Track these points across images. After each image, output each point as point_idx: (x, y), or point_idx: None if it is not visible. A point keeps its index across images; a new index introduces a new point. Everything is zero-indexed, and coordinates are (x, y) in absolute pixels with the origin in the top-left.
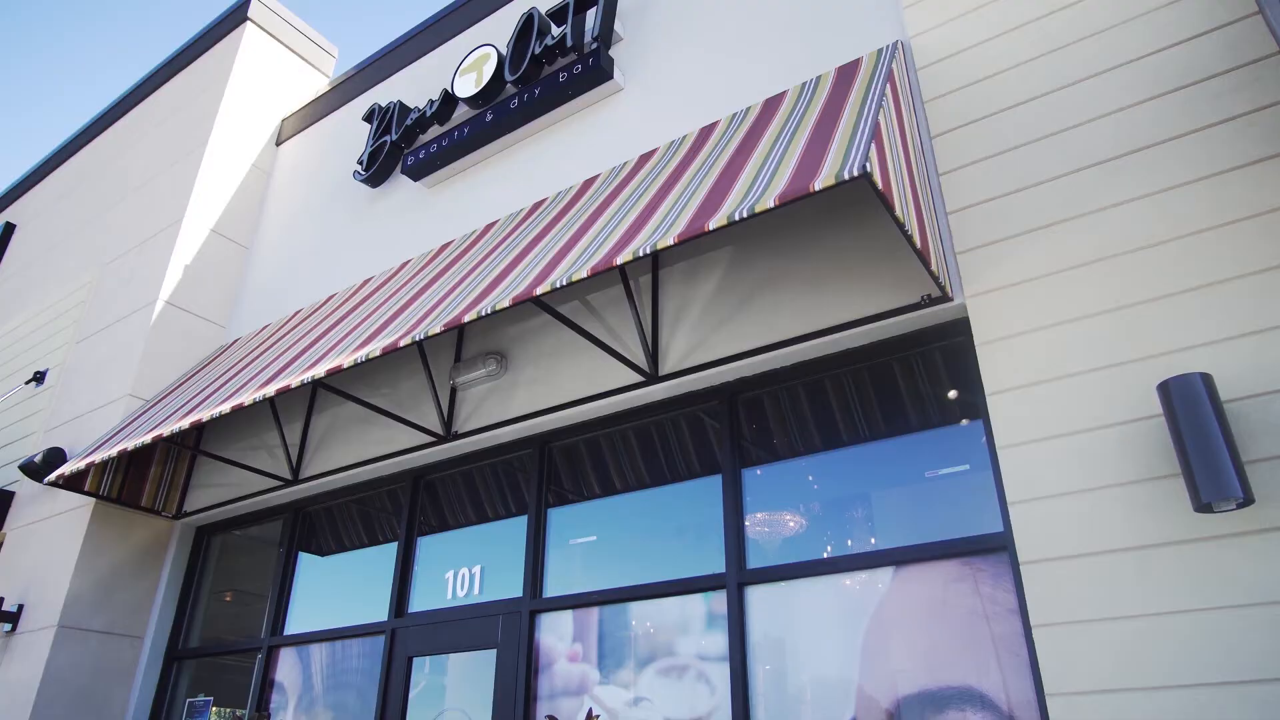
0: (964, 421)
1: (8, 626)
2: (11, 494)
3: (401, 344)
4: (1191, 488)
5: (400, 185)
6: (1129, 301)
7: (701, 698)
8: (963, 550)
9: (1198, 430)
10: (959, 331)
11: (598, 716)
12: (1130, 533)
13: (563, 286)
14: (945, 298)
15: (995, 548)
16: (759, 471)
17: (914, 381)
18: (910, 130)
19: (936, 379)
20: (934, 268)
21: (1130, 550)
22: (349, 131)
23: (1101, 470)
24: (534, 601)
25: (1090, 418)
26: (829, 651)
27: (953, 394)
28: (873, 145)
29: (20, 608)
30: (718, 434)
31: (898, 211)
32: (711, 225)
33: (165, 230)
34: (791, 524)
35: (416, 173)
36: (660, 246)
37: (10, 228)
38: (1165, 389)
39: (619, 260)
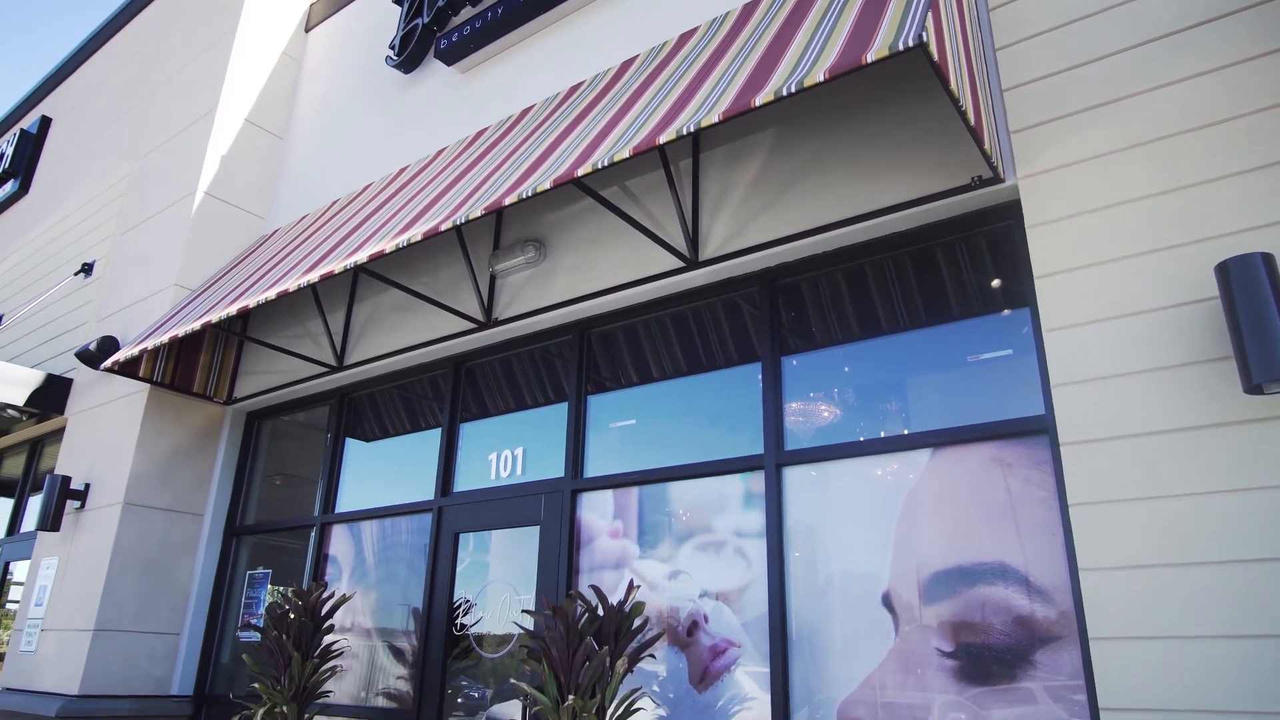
0: (1007, 308)
1: (78, 504)
2: (70, 381)
3: (443, 228)
4: (1243, 369)
5: (434, 71)
6: (1188, 182)
7: (738, 572)
8: (1001, 433)
9: (1255, 310)
10: (1007, 215)
11: (638, 587)
12: (1176, 414)
13: (604, 167)
14: (996, 179)
15: (1035, 430)
16: (798, 358)
17: (957, 267)
18: (967, 1)
19: (981, 264)
20: (987, 147)
21: (1175, 431)
22: (379, 15)
23: (1150, 353)
24: (575, 481)
25: (1141, 300)
26: (864, 529)
27: (997, 279)
28: (929, 15)
29: (87, 486)
30: (757, 320)
31: (952, 85)
32: (758, 101)
33: (200, 121)
34: (830, 409)
35: (450, 56)
36: (705, 125)
37: (47, 121)
38: (1224, 269)
39: (662, 139)
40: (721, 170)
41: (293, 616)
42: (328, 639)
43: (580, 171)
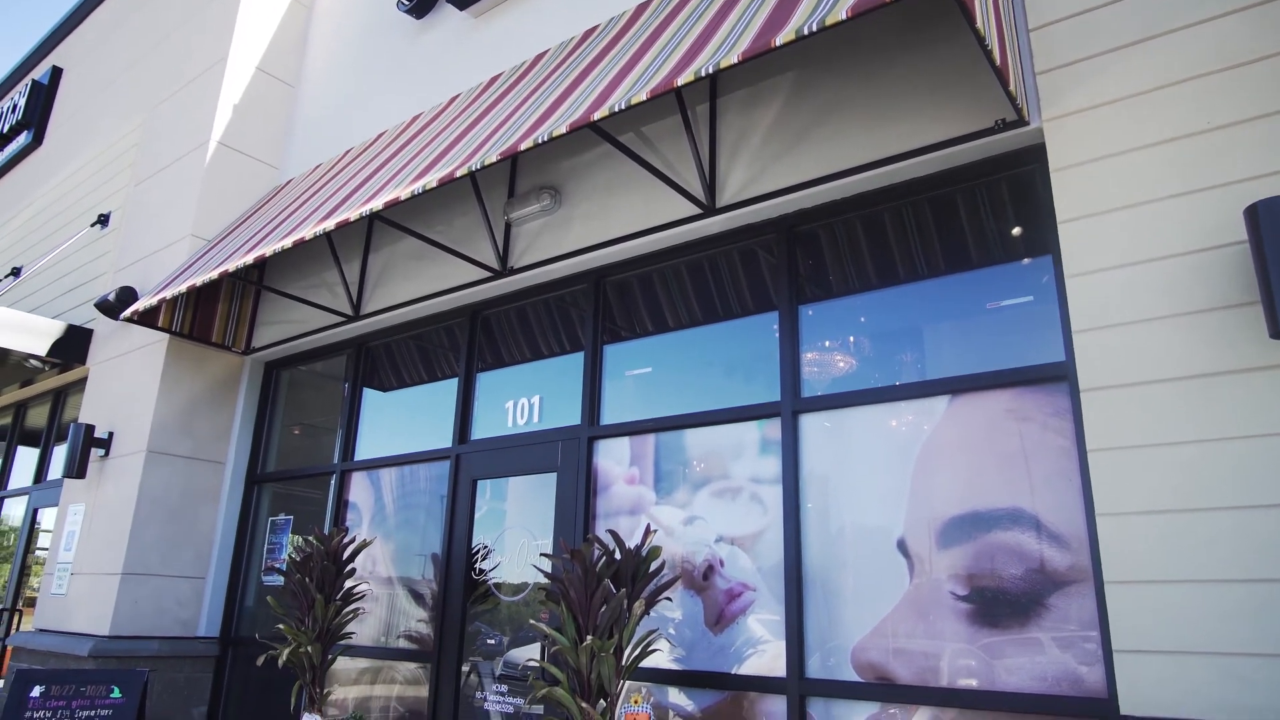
0: (1028, 254)
1: (102, 452)
2: (90, 331)
3: (458, 174)
4: (1270, 314)
5: (446, 16)
6: (1218, 123)
7: (754, 517)
8: (1020, 380)
9: None
10: (1031, 159)
11: (654, 532)
12: (1199, 359)
13: (621, 111)
14: (1021, 121)
15: (1054, 377)
16: (815, 306)
17: (978, 213)
18: None
19: (1001, 210)
20: (1012, 88)
21: (1197, 377)
22: None
23: (1173, 298)
24: (592, 428)
25: (1166, 245)
26: (880, 475)
27: (1018, 225)
28: None
29: (111, 435)
30: (774, 268)
31: (978, 23)
32: (779, 40)
33: (211, 69)
34: (847, 356)
35: (462, 1)
36: (724, 66)
37: (58, 72)
38: (1253, 211)
39: (680, 81)
40: (739, 115)
41: (315, 560)
42: (349, 582)
43: (596, 115)
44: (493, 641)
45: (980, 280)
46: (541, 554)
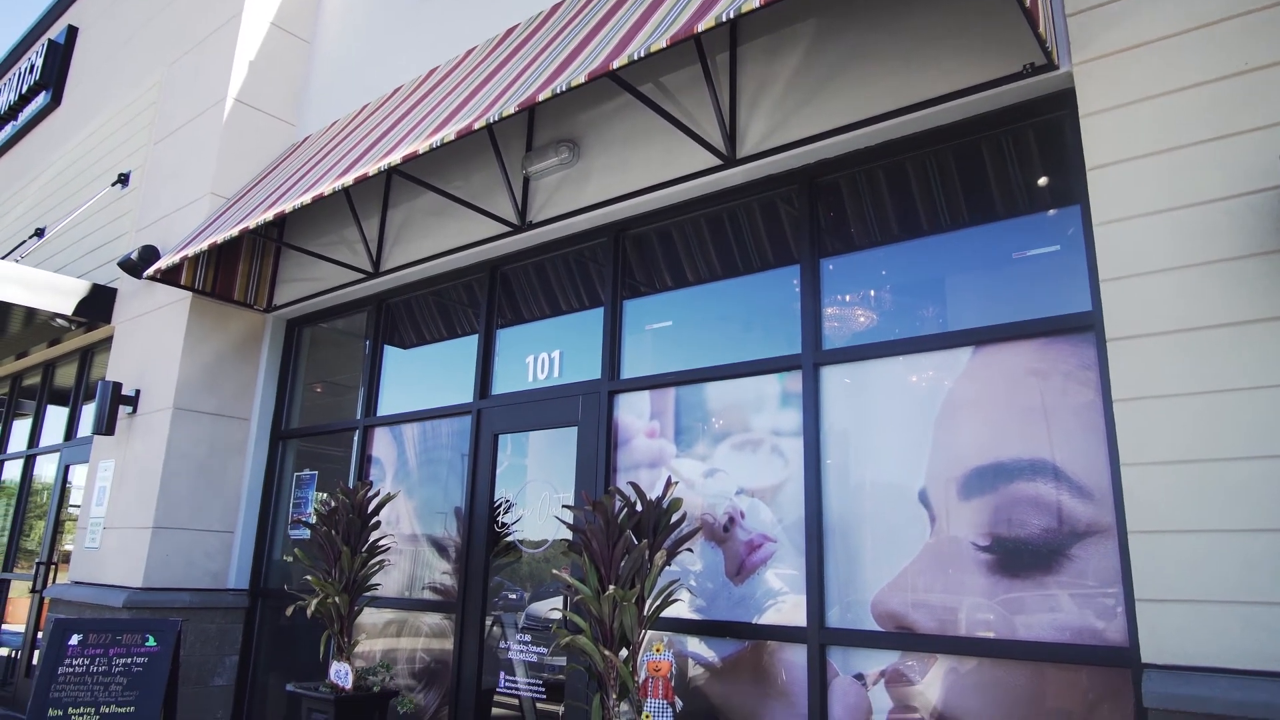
0: (1055, 203)
1: (130, 409)
2: (114, 290)
3: (476, 126)
4: None
5: None
6: (1255, 64)
7: (775, 469)
8: (1046, 330)
9: None
10: (1059, 105)
11: (676, 484)
12: (1230, 308)
13: (641, 59)
14: (1050, 66)
15: (1081, 327)
16: (837, 259)
17: (1004, 161)
18: None
19: (1028, 158)
20: (1041, 30)
21: (1228, 325)
22: None
23: (1206, 245)
24: (612, 383)
25: (1199, 191)
26: (902, 427)
27: (1045, 173)
28: None
29: (138, 392)
30: (795, 220)
31: None
32: None
33: (226, 25)
34: (869, 308)
35: None
36: (745, 10)
37: (74, 31)
38: None
39: (700, 27)
40: (760, 64)
41: (341, 513)
42: (374, 535)
43: (616, 64)
44: (514, 596)
45: (1005, 230)
46: (564, 505)
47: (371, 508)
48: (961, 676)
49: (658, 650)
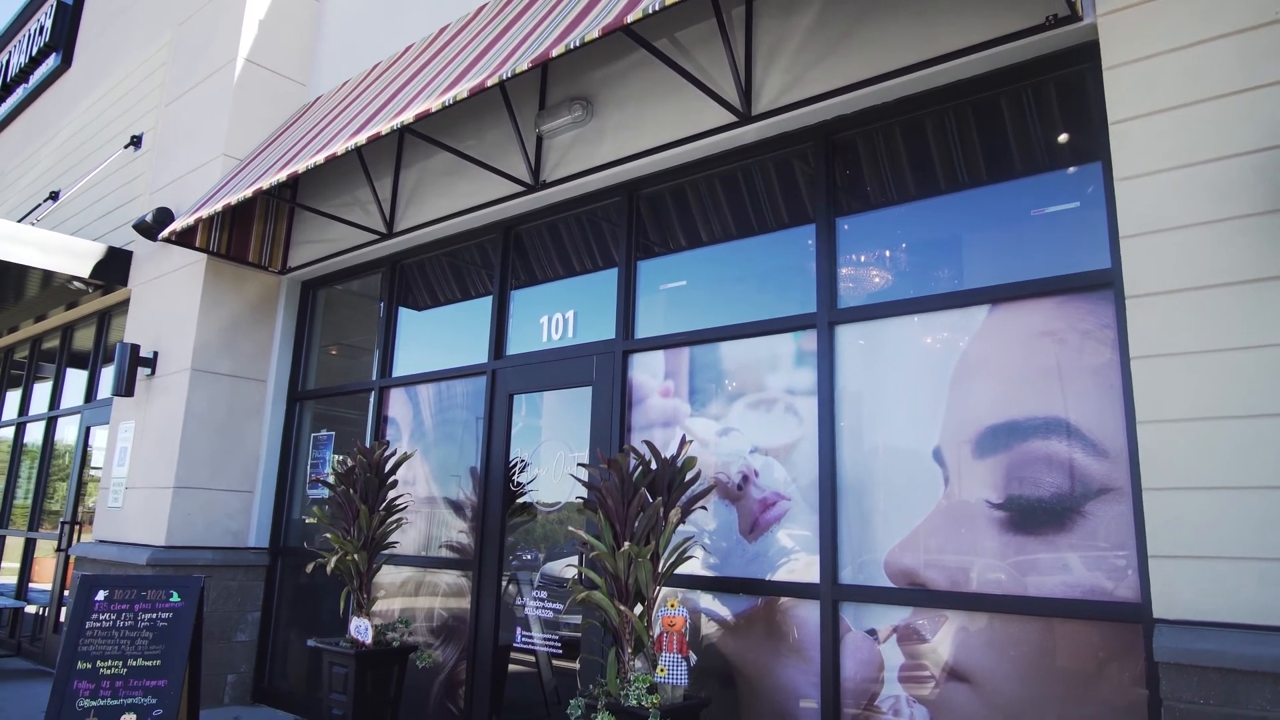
0: (1075, 159)
1: (148, 371)
2: (130, 253)
3: (489, 83)
4: None
5: None
6: None
7: (789, 428)
8: (1063, 287)
9: None
10: (1082, 58)
11: (690, 442)
12: (1254, 263)
13: (656, 12)
14: (1074, 17)
15: (1099, 284)
16: (853, 218)
17: (1023, 117)
18: None
19: (1049, 113)
20: None
21: (1251, 282)
22: None
23: (1230, 201)
24: (626, 342)
25: (1226, 144)
26: (917, 385)
27: (1066, 128)
28: None
29: (156, 354)
30: (810, 179)
31: None
32: None
33: None
34: (885, 266)
35: None
36: None
37: None
38: None
39: None
40: (776, 18)
41: (358, 472)
42: (391, 494)
43: (630, 18)
44: (529, 557)
45: (1024, 188)
46: (579, 464)
47: (389, 467)
48: (973, 633)
49: (672, 605)
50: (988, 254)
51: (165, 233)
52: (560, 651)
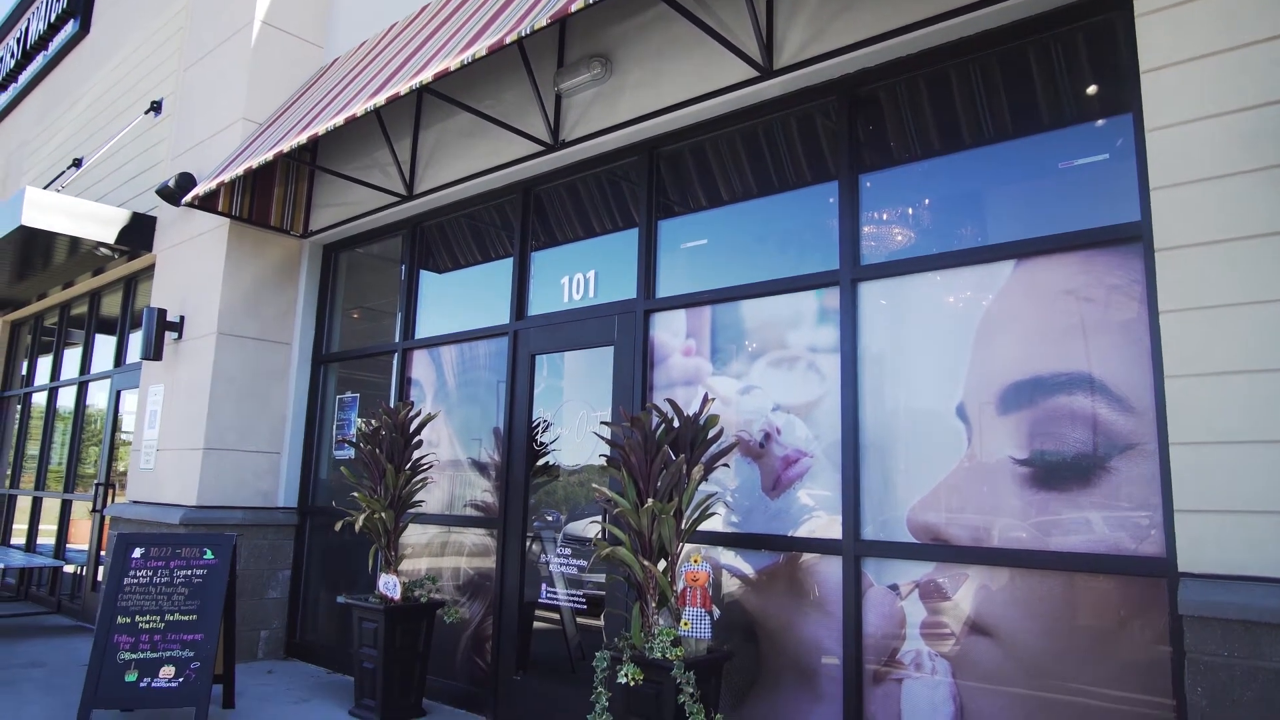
0: (1103, 111)
1: (175, 335)
2: (154, 219)
3: (508, 40)
4: None
5: None
6: None
7: (811, 386)
8: (1091, 241)
9: None
10: (1111, 5)
11: (712, 400)
12: None
13: None
14: None
15: (1128, 238)
16: (875, 175)
17: (1050, 68)
18: None
19: (1076, 63)
20: None
21: None
22: None
23: (1263, 151)
24: (648, 302)
25: (1258, 94)
26: (941, 341)
27: (1094, 81)
28: None
29: (182, 319)
30: (833, 135)
31: None
32: None
33: None
34: (909, 222)
35: None
36: None
37: None
38: None
39: None
40: None
41: (384, 433)
42: (416, 454)
43: None
44: (551, 518)
45: (1051, 141)
46: (602, 422)
47: (414, 427)
48: (996, 589)
49: (695, 561)
50: (1013, 209)
51: (188, 198)
52: (584, 607)
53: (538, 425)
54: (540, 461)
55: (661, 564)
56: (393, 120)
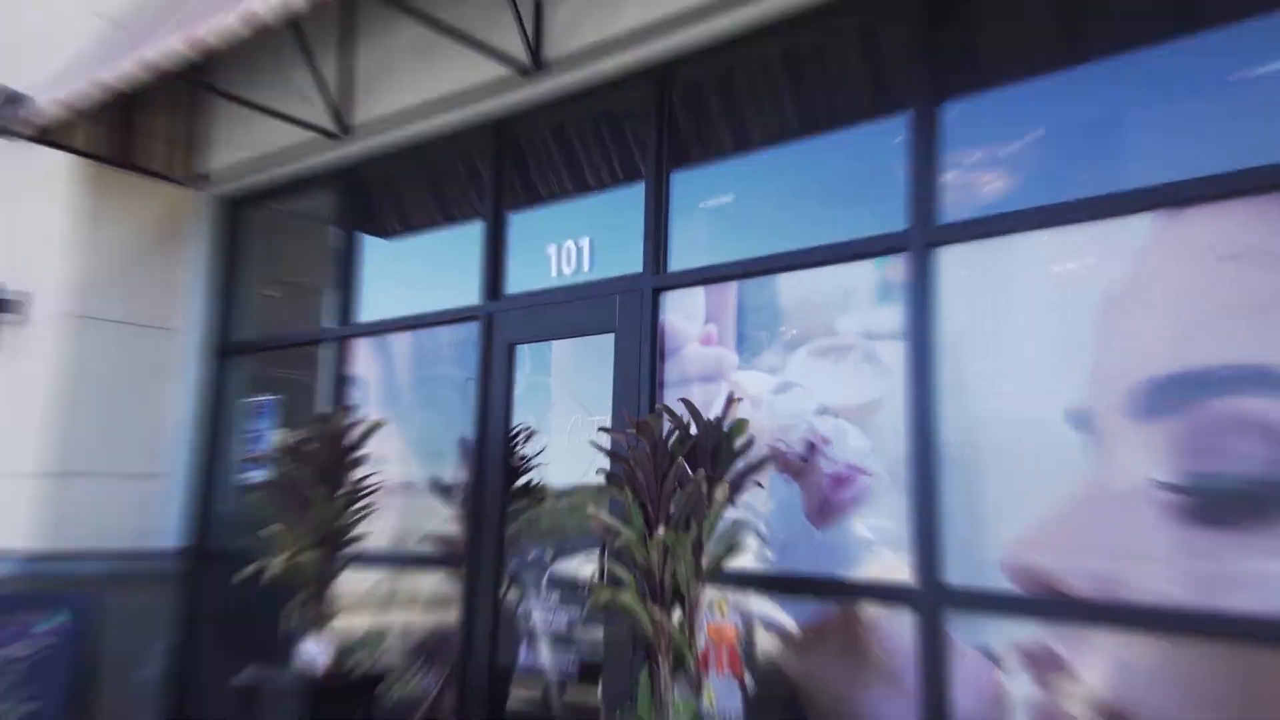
0: None
1: (11, 316)
2: None
3: None
4: None
5: None
6: None
7: (870, 383)
8: (1265, 183)
9: None
10: None
11: (739, 400)
12: None
13: None
14: None
15: None
16: (962, 102)
17: None
18: None
19: None
20: None
21: None
22: None
23: None
24: (657, 277)
25: None
26: (1048, 325)
27: None
28: None
29: (18, 295)
30: (903, 51)
31: None
32: None
33: None
34: (1003, 170)
35: None
36: None
37: None
38: None
39: None
40: None
41: (313, 447)
42: (357, 474)
43: None
44: (533, 555)
45: (1217, 44)
46: (600, 429)
47: (354, 439)
48: (1137, 663)
49: (721, 611)
50: (1157, 141)
51: (23, 126)
52: (576, 674)
53: (518, 434)
54: (521, 481)
55: (676, 613)
56: (317, 30)
